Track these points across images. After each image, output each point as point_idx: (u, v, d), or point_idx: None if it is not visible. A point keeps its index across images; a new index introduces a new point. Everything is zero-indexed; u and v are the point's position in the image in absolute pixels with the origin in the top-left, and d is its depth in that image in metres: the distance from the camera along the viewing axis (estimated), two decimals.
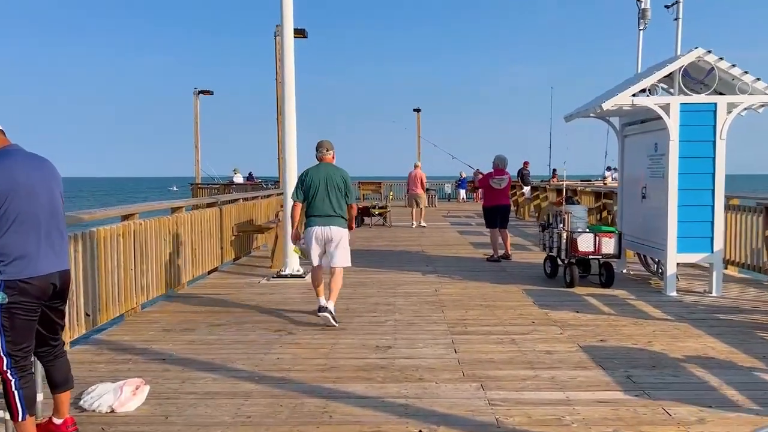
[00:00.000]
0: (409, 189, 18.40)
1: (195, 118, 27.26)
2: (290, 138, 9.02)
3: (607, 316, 6.53)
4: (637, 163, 8.73)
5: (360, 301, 7.42)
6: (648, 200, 8.33)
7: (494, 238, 10.69)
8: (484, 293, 7.82)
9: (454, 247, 12.66)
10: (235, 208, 10.69)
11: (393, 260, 10.86)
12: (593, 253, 8.00)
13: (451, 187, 34.18)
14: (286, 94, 9.01)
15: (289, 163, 9.03)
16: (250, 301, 7.47)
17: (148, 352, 5.38)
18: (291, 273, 8.89)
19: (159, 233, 7.36)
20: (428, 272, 9.48)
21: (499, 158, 10.88)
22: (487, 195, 10.89)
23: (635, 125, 8.88)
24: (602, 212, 12.76)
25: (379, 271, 9.67)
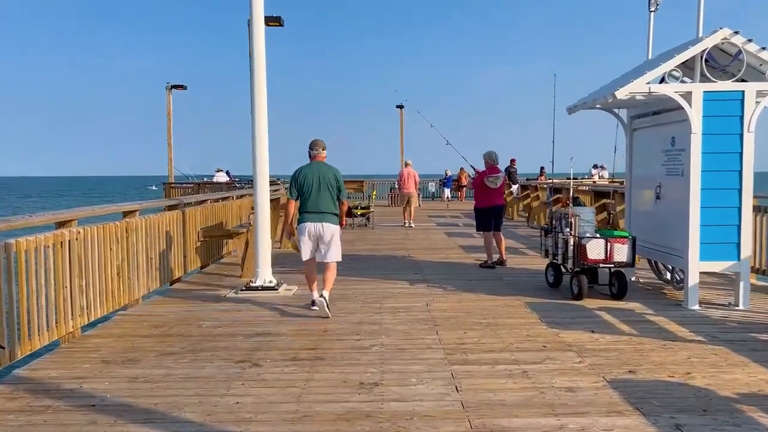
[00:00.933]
0: (402, 188, 17.81)
1: (168, 114, 26.01)
2: (261, 131, 7.97)
3: (629, 338, 5.60)
4: (649, 159, 7.83)
5: (341, 319, 6.41)
6: (663, 201, 7.43)
7: (488, 243, 9.74)
8: (482, 308, 6.86)
9: (443, 251, 11.70)
10: (202, 210, 9.61)
11: (377, 267, 9.87)
12: (604, 261, 7.08)
13: (436, 185, 33.28)
14: (256, 85, 7.96)
15: (260, 161, 7.98)
16: (212, 320, 6.42)
17: (75, 394, 4.33)
18: (262, 285, 7.86)
19: (105, 242, 6.29)
20: (417, 281, 8.50)
21: (491, 154, 9.93)
22: (481, 195, 9.94)
23: (646, 117, 7.98)
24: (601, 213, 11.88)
25: (363, 280, 8.66)
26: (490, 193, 9.80)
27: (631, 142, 8.40)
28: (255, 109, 7.93)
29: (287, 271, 9.46)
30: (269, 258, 8.05)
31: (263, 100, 7.95)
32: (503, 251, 9.87)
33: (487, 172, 9.88)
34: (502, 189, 9.91)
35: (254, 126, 7.95)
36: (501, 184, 9.84)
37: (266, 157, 7.99)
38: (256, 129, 7.94)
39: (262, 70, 8.00)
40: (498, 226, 9.81)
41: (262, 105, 7.93)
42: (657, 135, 7.63)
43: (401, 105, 32.98)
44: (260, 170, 7.96)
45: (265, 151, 7.97)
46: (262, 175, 7.97)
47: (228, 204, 11.23)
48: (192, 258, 9.09)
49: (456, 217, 20.40)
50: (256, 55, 8.00)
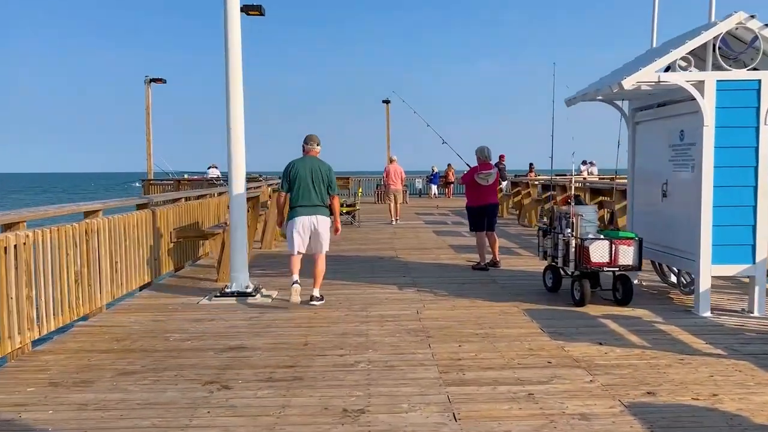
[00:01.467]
0: (389, 184, 17.40)
1: (146, 108, 25.21)
2: (236, 124, 7.35)
3: (641, 351, 5.07)
4: (654, 154, 7.32)
5: (323, 330, 5.83)
6: (670, 199, 6.92)
7: (481, 243, 9.20)
8: (477, 315, 6.30)
9: (433, 252, 11.14)
10: (175, 209, 8.97)
11: (363, 269, 9.29)
12: (608, 265, 6.56)
13: (422, 182, 32.75)
14: (231, 77, 7.32)
15: (235, 156, 7.36)
16: (180, 331, 5.81)
17: (12, 427, 3.71)
18: (238, 290, 7.24)
19: (60, 246, 5.65)
20: (406, 285, 7.94)
21: (483, 150, 9.38)
22: (472, 193, 9.38)
23: (650, 110, 7.46)
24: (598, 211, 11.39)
25: (347, 284, 8.08)
26: (482, 191, 9.25)
27: (634, 136, 7.88)
28: (230, 103, 7.31)
29: (267, 274, 8.87)
30: (246, 261, 7.45)
31: (238, 92, 7.33)
32: (496, 252, 9.33)
33: (478, 168, 9.34)
34: (495, 187, 9.38)
35: (229, 119, 7.32)
36: (493, 182, 9.30)
37: (242, 153, 7.38)
38: (231, 122, 7.31)
39: (238, 60, 7.37)
40: (491, 226, 9.27)
41: (237, 98, 7.31)
42: (663, 128, 7.12)
43: (387, 100, 32.44)
44: (235, 166, 7.35)
45: (240, 146, 7.36)
46: (238, 172, 7.36)
47: (205, 202, 10.59)
48: (164, 261, 8.45)
49: (444, 215, 19.87)
50: (230, 44, 7.36)
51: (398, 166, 17.74)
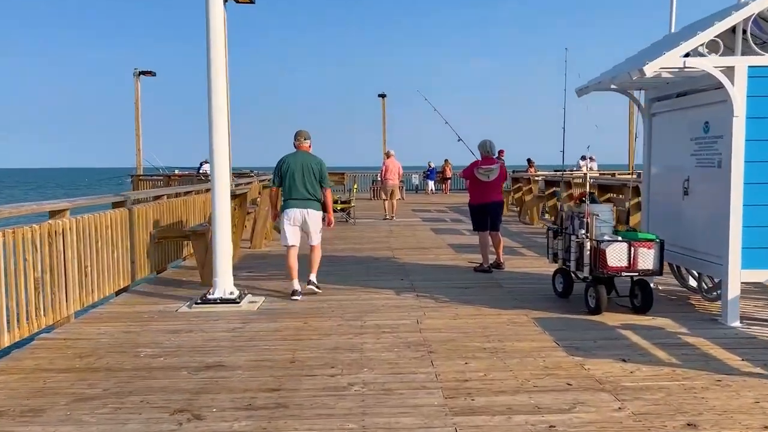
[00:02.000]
0: (386, 180, 16.93)
1: (135, 102, 24.51)
2: (218, 116, 6.72)
3: (671, 370, 4.49)
4: (674, 148, 6.73)
5: (313, 343, 5.23)
6: (693, 197, 6.34)
7: (484, 244, 8.60)
8: (483, 326, 5.71)
9: (432, 251, 10.55)
10: (156, 207, 8.35)
11: (359, 271, 8.69)
12: (627, 269, 5.98)
13: (419, 178, 32.15)
14: (212, 64, 6.67)
15: (218, 150, 6.74)
16: (153, 345, 5.20)
17: None
18: (221, 297, 6.64)
19: (16, 251, 5.03)
20: (404, 290, 7.34)
21: (485, 144, 8.78)
22: (474, 190, 8.78)
23: (668, 100, 6.88)
24: None
25: (341, 288, 7.48)
26: (485, 188, 8.64)
27: (650, 128, 7.29)
28: (212, 92, 6.67)
29: (255, 277, 8.26)
30: (230, 264, 6.83)
31: (221, 81, 6.69)
32: (500, 253, 8.74)
33: (479, 163, 8.74)
34: (499, 183, 8.74)
35: (211, 110, 6.68)
36: (496, 178, 8.66)
37: (226, 146, 6.76)
38: (213, 113, 6.68)
39: (220, 46, 6.72)
40: (495, 226, 8.67)
41: (219, 87, 6.67)
42: (684, 120, 6.53)
43: (383, 94, 31.82)
44: (218, 161, 6.73)
45: (224, 139, 6.74)
46: (221, 167, 6.74)
47: (190, 199, 9.97)
48: (143, 263, 7.83)
49: (442, 212, 19.28)
50: (212, 28, 6.69)
51: (396, 161, 17.34)
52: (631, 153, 25.36)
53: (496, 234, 8.68)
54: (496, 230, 8.67)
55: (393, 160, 17.27)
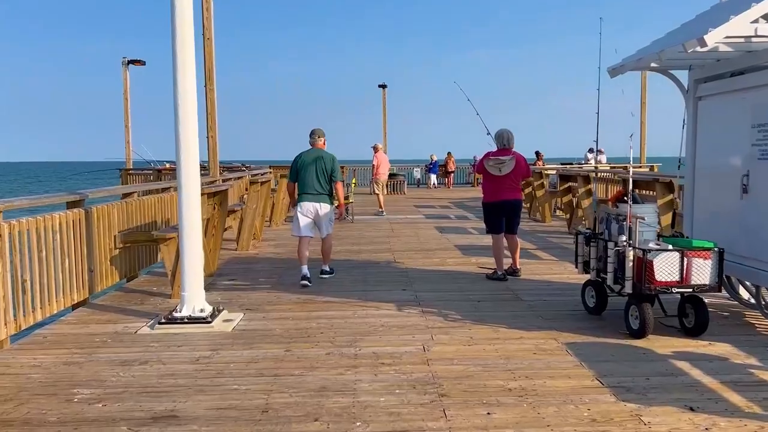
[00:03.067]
0: (379, 174, 16.97)
1: (124, 93, 23.41)
2: (187, 99, 5.62)
3: (759, 425, 3.44)
4: (728, 137, 5.66)
5: (293, 382, 4.18)
6: (754, 196, 5.28)
7: (498, 248, 7.52)
8: (505, 354, 4.66)
9: (437, 254, 9.49)
10: (122, 207, 7.29)
11: (355, 279, 7.64)
12: (679, 284, 4.92)
13: (421, 171, 31.06)
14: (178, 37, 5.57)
15: (185, 141, 5.64)
16: (95, 384, 4.15)
17: None
18: (190, 315, 5.58)
19: None
20: (407, 303, 6.29)
21: (501, 134, 7.70)
22: (487, 186, 7.71)
23: (719, 81, 5.81)
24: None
25: (333, 302, 6.43)
26: (498, 184, 7.56)
27: (695, 113, 6.22)
28: (178, 71, 5.57)
29: (237, 286, 7.22)
30: (200, 276, 5.77)
31: (189, 57, 5.59)
32: (517, 259, 7.67)
33: (489, 154, 7.67)
34: (515, 179, 7.62)
35: (177, 93, 5.59)
36: (512, 172, 7.55)
37: (194, 135, 5.66)
38: (179, 97, 5.58)
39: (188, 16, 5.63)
40: (512, 228, 7.59)
41: (187, 64, 5.58)
42: (742, 104, 5.46)
43: (384, 84, 30.74)
44: (186, 153, 5.62)
45: (192, 127, 5.63)
46: (189, 160, 5.63)
47: (167, 197, 8.90)
48: (105, 272, 6.78)
49: (446, 208, 18.22)
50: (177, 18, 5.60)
51: (384, 154, 17.40)
52: (643, 143, 24.24)
53: (513, 237, 7.61)
54: (512, 233, 7.60)
55: (382, 154, 17.24)
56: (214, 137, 12.24)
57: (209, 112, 12.12)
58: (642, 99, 23.70)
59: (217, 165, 12.44)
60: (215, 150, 12.28)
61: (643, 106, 23.85)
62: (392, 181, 25.91)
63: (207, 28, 11.95)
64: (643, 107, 23.84)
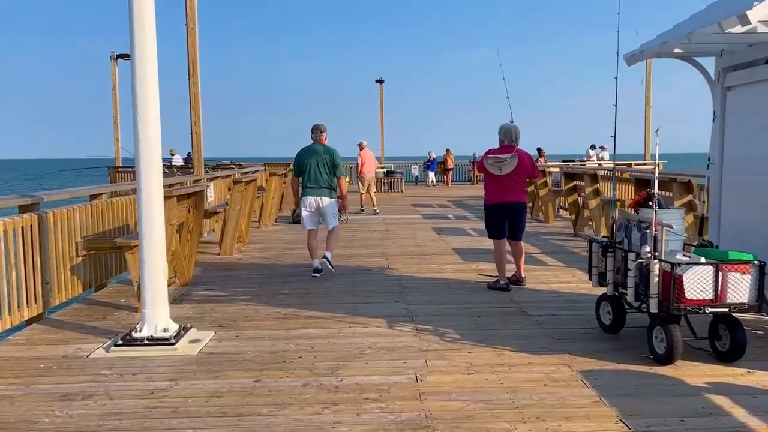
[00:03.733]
0: (364, 172, 16.43)
1: (113, 88, 22.71)
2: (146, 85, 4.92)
3: None
4: (761, 133, 4.99)
5: (258, 424, 3.49)
6: None
7: (499, 255, 6.84)
8: (512, 386, 3.99)
9: (434, 259, 8.81)
10: (85, 210, 6.60)
11: (342, 288, 6.96)
12: (712, 303, 4.25)
13: (419, 169, 30.38)
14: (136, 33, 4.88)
15: (146, 134, 4.94)
16: (26, 426, 3.48)
17: None
18: (151, 335, 4.90)
19: None
20: (399, 318, 5.62)
21: (507, 128, 7.00)
22: (489, 186, 7.02)
23: (751, 69, 5.14)
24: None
25: (316, 317, 5.75)
26: (500, 185, 6.85)
27: (724, 105, 5.55)
28: (136, 52, 4.88)
29: (213, 297, 6.53)
30: (165, 290, 5.09)
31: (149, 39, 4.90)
32: (522, 267, 6.99)
33: (490, 152, 6.99)
34: (519, 179, 6.88)
35: (135, 79, 4.90)
36: (514, 172, 6.83)
37: (156, 129, 4.97)
38: (138, 84, 4.89)
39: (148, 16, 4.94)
40: (515, 233, 6.90)
41: (147, 46, 4.89)
42: None
43: (381, 80, 30.04)
44: (146, 150, 4.92)
45: (153, 119, 4.93)
46: (150, 157, 4.94)
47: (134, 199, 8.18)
48: (65, 282, 6.10)
49: (444, 207, 17.54)
50: None
51: (370, 151, 16.82)
52: (647, 139, 23.54)
53: (517, 243, 6.93)
54: (516, 239, 6.92)
55: (368, 151, 16.66)
56: (199, 133, 11.54)
57: (193, 107, 11.42)
58: (647, 92, 23.02)
59: (202, 163, 11.75)
60: (200, 147, 11.59)
61: (648, 100, 23.17)
62: (389, 179, 25.25)
63: (190, 17, 11.24)
64: (648, 101, 23.15)
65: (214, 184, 11.81)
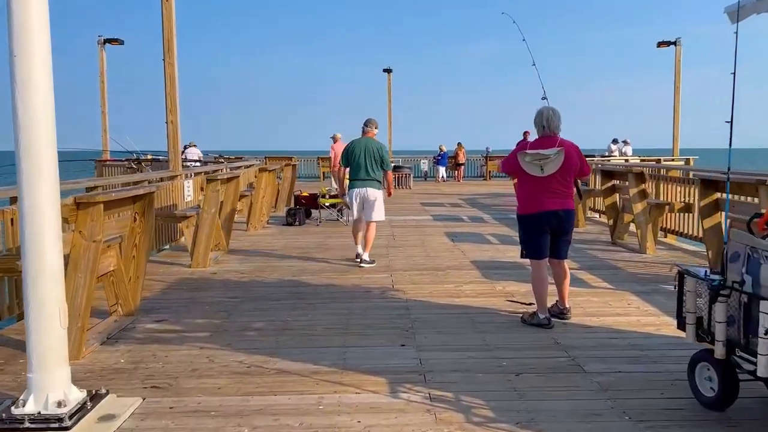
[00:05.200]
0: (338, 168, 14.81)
1: (100, 75, 21.15)
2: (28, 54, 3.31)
3: None
4: None
5: None
6: None
7: (539, 280, 5.19)
8: None
9: (449, 276, 7.19)
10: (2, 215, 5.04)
11: (333, 321, 5.35)
12: None
13: (429, 163, 28.73)
14: None
15: (28, 117, 3.33)
16: None
17: None
18: (39, 412, 3.31)
19: None
20: (406, 375, 4.02)
21: (546, 114, 5.33)
22: (523, 191, 5.35)
23: None
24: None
25: (290, 372, 4.14)
26: (540, 188, 5.16)
27: None
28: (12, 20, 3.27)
29: (159, 335, 4.93)
30: (61, 343, 3.49)
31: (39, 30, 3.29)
32: (566, 294, 5.34)
33: (526, 145, 5.35)
34: (566, 180, 5.19)
35: (11, 39, 3.29)
36: (559, 172, 5.16)
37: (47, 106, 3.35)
38: (14, 41, 3.28)
39: None
40: (559, 251, 5.25)
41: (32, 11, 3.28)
42: None
43: (389, 69, 28.37)
44: (29, 139, 3.32)
45: (39, 94, 3.32)
46: (35, 154, 3.33)
47: None
48: None
49: (456, 206, 15.90)
50: None
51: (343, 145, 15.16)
52: (676, 132, 21.70)
53: (560, 264, 5.29)
54: (559, 257, 5.28)
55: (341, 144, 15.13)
56: (175, 122, 9.97)
57: (168, 92, 9.84)
58: (676, 81, 21.19)
59: (179, 157, 10.18)
60: (176, 138, 10.02)
61: (677, 91, 21.36)
62: (397, 174, 23.64)
63: None
64: (677, 91, 21.34)
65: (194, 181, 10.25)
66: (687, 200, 9.04)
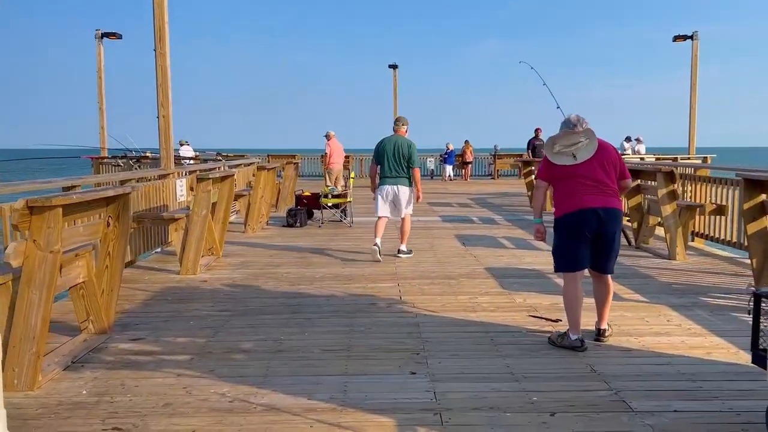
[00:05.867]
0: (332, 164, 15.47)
1: (98, 70, 20.52)
2: None
3: None
4: None
5: None
6: None
7: (574, 297, 4.48)
8: None
9: (462, 285, 6.51)
10: None
11: (332, 340, 4.68)
12: None
13: (435, 162, 28.04)
14: None
15: None
16: None
17: None
18: None
19: None
20: (417, 414, 3.35)
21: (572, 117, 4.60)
22: (560, 191, 4.60)
23: None
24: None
25: (279, 410, 3.47)
26: (575, 182, 4.46)
27: None
28: None
29: (133, 357, 4.27)
30: None
31: None
32: (605, 314, 4.63)
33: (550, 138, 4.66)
34: (608, 172, 4.47)
35: None
36: (596, 159, 4.44)
37: None
38: None
39: None
40: (602, 264, 4.52)
41: None
42: None
43: (394, 65, 27.70)
44: None
45: None
46: None
47: None
48: None
49: (465, 206, 15.20)
50: None
51: (339, 143, 15.65)
52: (692, 129, 20.91)
53: (603, 278, 4.57)
54: (603, 271, 4.55)
55: (336, 142, 15.58)
56: (167, 117, 9.30)
57: (160, 84, 9.17)
58: (692, 77, 20.41)
59: (171, 154, 9.52)
60: (168, 134, 9.36)
61: (694, 87, 20.58)
62: None
63: None
64: (694, 88, 20.56)
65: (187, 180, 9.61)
66: (719, 201, 8.33)
